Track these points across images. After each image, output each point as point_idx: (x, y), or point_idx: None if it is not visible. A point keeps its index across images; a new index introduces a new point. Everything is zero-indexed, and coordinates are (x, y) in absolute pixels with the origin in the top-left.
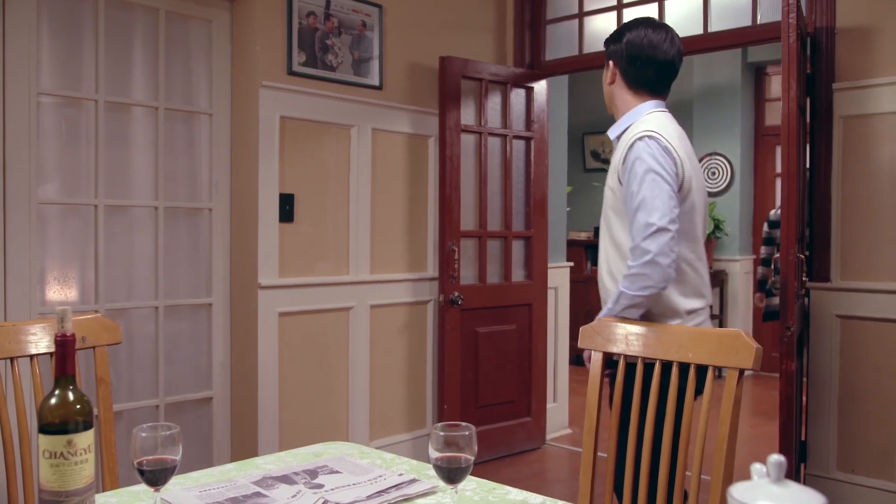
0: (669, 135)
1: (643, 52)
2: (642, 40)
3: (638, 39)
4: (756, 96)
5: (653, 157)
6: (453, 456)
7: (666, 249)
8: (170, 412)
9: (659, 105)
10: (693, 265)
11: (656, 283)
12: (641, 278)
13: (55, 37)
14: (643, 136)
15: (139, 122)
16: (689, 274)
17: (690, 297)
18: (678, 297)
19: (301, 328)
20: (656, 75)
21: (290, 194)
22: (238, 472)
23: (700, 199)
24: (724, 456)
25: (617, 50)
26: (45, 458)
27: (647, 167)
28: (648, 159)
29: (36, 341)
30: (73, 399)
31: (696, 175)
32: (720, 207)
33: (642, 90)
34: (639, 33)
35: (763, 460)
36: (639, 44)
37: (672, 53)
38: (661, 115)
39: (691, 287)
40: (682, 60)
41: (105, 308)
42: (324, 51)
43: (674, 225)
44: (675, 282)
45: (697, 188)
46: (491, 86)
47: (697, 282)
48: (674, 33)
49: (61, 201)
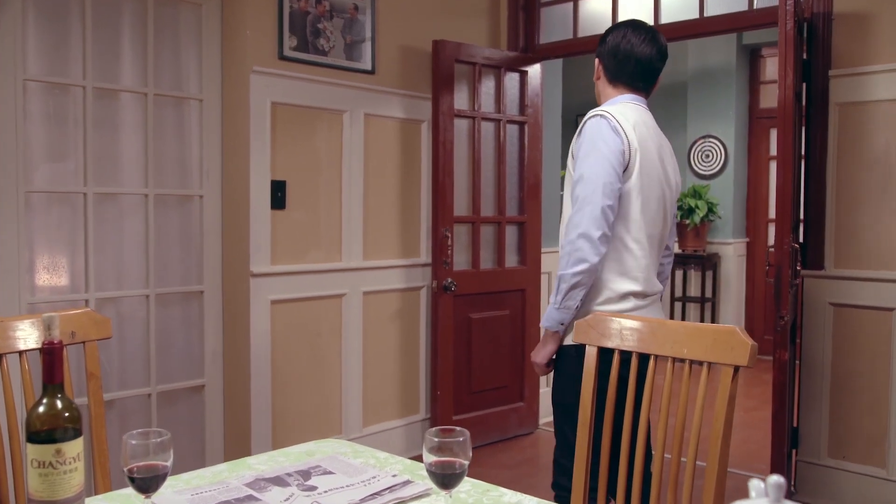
0: (625, 118)
1: (621, 51)
2: (621, 39)
3: (618, 39)
4: (751, 78)
5: (599, 136)
6: (447, 461)
7: (599, 223)
8: (161, 401)
9: (636, 99)
10: (628, 246)
11: (587, 255)
12: (575, 254)
13: (41, 21)
14: (594, 115)
15: (128, 109)
16: (622, 253)
17: (622, 277)
18: (608, 273)
19: (294, 316)
20: (633, 72)
21: (281, 181)
22: (230, 472)
23: (650, 186)
24: (719, 453)
25: (602, 48)
26: (33, 467)
27: (592, 145)
28: (595, 138)
29: (25, 337)
30: (62, 407)
31: (653, 163)
32: (713, 190)
33: (621, 85)
34: (619, 33)
35: (756, 445)
36: (618, 43)
37: (649, 53)
38: (630, 104)
39: (623, 267)
40: (664, 60)
41: (95, 297)
42: (315, 35)
43: (608, 200)
44: (606, 258)
45: (649, 174)
46: (484, 70)
47: (631, 264)
48: (656, 35)
49: (50, 189)
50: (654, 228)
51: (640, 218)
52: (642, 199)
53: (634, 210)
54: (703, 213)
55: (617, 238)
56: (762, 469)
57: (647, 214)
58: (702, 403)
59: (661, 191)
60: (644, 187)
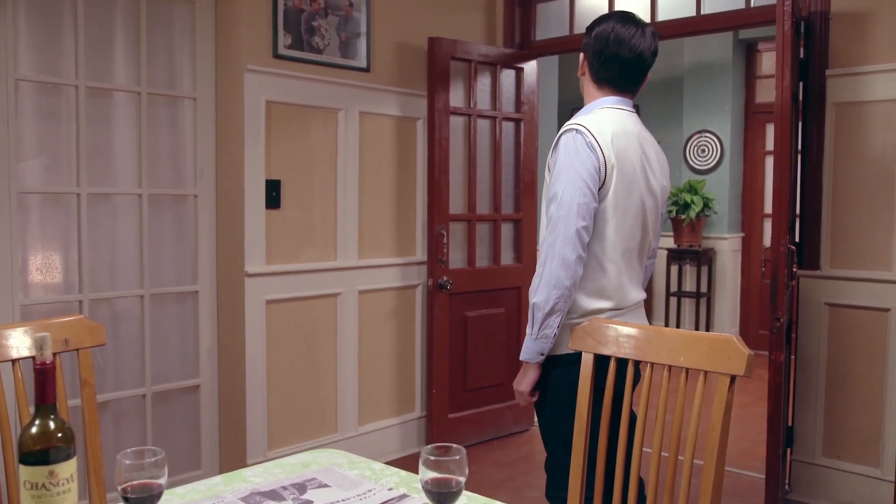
0: (602, 131)
1: (608, 48)
2: (609, 35)
3: (605, 33)
4: (747, 73)
5: (574, 153)
6: (444, 478)
7: (574, 245)
8: (157, 401)
9: (620, 102)
10: (602, 266)
11: (562, 280)
12: (550, 279)
13: (33, 20)
14: (569, 129)
15: (121, 108)
16: (596, 273)
17: (594, 297)
18: (580, 293)
19: (289, 315)
20: (620, 71)
21: (276, 180)
22: (225, 486)
23: (627, 201)
24: (715, 462)
25: (587, 42)
26: (26, 488)
27: (567, 162)
28: (569, 154)
29: (17, 346)
30: (54, 428)
31: (632, 176)
32: (709, 185)
33: (605, 85)
34: (607, 27)
35: (751, 443)
36: (605, 38)
37: (641, 49)
38: (612, 111)
39: (596, 287)
40: (654, 58)
41: (89, 297)
42: (310, 33)
43: (582, 221)
44: (580, 278)
45: (627, 189)
46: (480, 67)
47: (604, 283)
48: (648, 29)
49: (43, 190)
50: (632, 242)
51: (615, 236)
52: (618, 217)
53: (610, 228)
54: (698, 208)
55: (592, 257)
56: (757, 467)
57: (622, 231)
58: (698, 412)
59: (641, 204)
60: (620, 203)
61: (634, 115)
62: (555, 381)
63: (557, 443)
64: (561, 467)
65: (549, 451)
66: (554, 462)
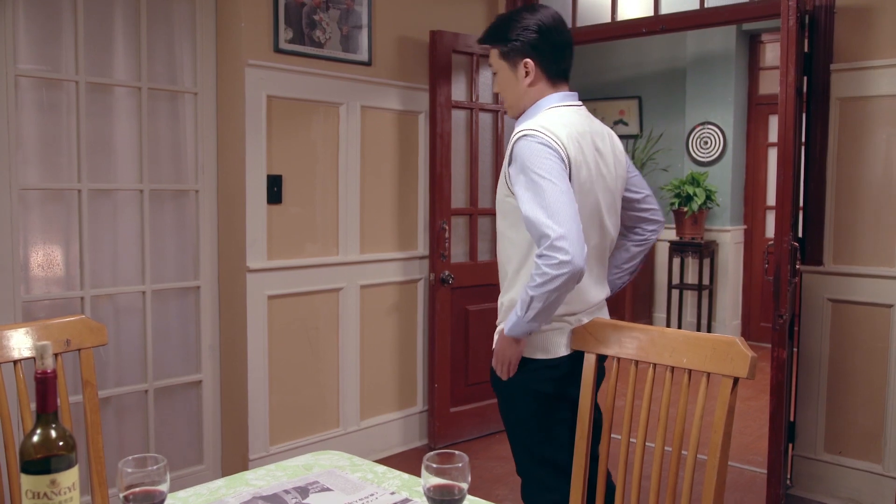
0: (555, 129)
1: (559, 36)
2: (550, 24)
3: (546, 24)
4: (750, 64)
5: (536, 157)
6: (446, 485)
7: (576, 250)
8: (158, 397)
9: (567, 97)
10: None
11: (564, 285)
12: (554, 281)
13: (33, 15)
14: (521, 135)
15: (122, 103)
16: None
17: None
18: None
19: (290, 310)
20: (569, 58)
21: (277, 175)
22: (227, 489)
23: (583, 205)
24: (718, 463)
25: (534, 42)
26: (27, 497)
27: (534, 167)
28: (534, 160)
29: (19, 346)
30: (56, 436)
31: (588, 175)
32: (712, 177)
33: (560, 80)
34: (540, 18)
35: (752, 437)
36: (550, 29)
37: (570, 36)
38: (561, 110)
39: None
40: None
41: (91, 294)
42: (311, 27)
43: (572, 224)
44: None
45: (584, 194)
46: (482, 60)
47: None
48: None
49: (43, 186)
50: (590, 241)
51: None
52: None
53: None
54: (701, 200)
55: None
56: (758, 462)
57: (590, 228)
58: (700, 413)
59: (597, 206)
60: (585, 204)
61: (583, 107)
62: (514, 386)
63: (519, 449)
64: (528, 474)
65: (515, 459)
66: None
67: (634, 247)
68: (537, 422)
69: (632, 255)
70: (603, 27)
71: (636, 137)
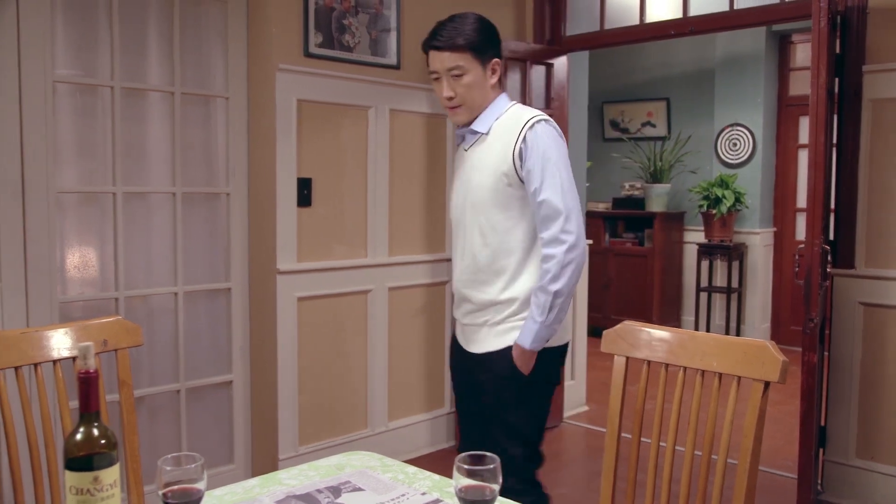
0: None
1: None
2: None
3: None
4: (780, 65)
5: (557, 140)
6: (478, 486)
7: (583, 230)
8: (190, 397)
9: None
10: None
11: (580, 266)
12: (578, 266)
13: (69, 23)
14: (539, 119)
15: (155, 108)
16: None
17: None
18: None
19: (320, 312)
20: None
21: (307, 178)
22: (262, 488)
23: None
24: (748, 468)
25: (497, 43)
26: (71, 493)
27: (558, 149)
28: (556, 141)
29: (58, 346)
30: (98, 435)
31: None
32: (741, 179)
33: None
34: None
35: (782, 441)
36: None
37: None
38: (522, 105)
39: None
40: None
41: (125, 295)
42: (340, 31)
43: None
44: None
45: None
46: (510, 63)
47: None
48: None
49: (79, 189)
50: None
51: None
52: None
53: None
54: (730, 202)
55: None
56: (788, 466)
57: None
58: (731, 417)
59: None
60: None
61: None
62: (542, 372)
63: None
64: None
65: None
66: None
67: None
68: (547, 407)
69: None
70: (631, 29)
71: (664, 139)
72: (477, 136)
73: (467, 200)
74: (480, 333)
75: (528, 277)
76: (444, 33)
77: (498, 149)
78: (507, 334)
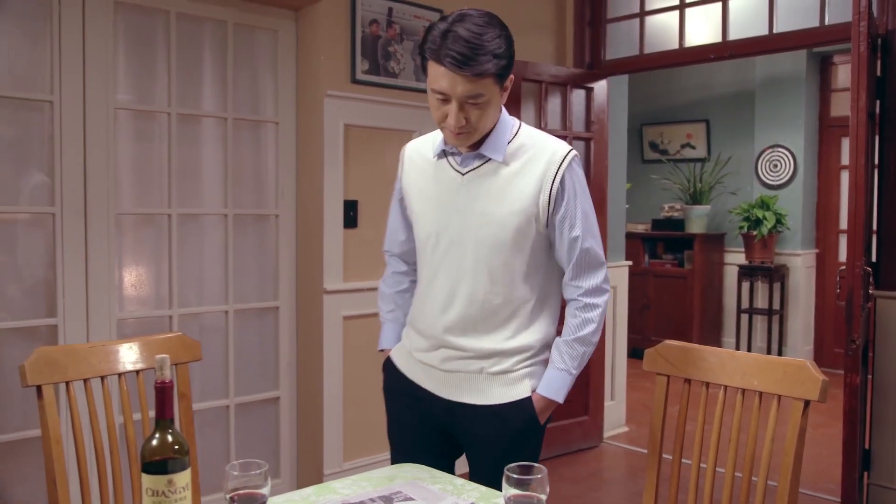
0: None
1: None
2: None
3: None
4: (821, 86)
5: (584, 180)
6: (526, 496)
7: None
8: (239, 412)
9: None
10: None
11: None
12: (603, 318)
13: (130, 52)
14: (574, 156)
15: (209, 133)
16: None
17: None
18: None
19: (365, 331)
20: None
21: (353, 200)
22: (317, 496)
23: None
24: (788, 487)
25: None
26: (147, 495)
27: (585, 194)
28: (585, 183)
29: (124, 361)
30: (172, 441)
31: None
32: (782, 201)
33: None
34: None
35: (825, 464)
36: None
37: None
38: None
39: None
40: None
41: (179, 312)
42: (386, 58)
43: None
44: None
45: None
46: (550, 87)
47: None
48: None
49: (137, 211)
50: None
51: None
52: None
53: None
54: (770, 224)
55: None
56: (832, 490)
57: None
58: (771, 436)
59: None
60: None
61: None
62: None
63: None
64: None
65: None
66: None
67: None
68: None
69: None
70: (670, 53)
71: (704, 161)
72: (484, 160)
73: (468, 235)
74: (478, 383)
75: (541, 325)
76: (469, 54)
77: (525, 185)
78: (520, 384)
